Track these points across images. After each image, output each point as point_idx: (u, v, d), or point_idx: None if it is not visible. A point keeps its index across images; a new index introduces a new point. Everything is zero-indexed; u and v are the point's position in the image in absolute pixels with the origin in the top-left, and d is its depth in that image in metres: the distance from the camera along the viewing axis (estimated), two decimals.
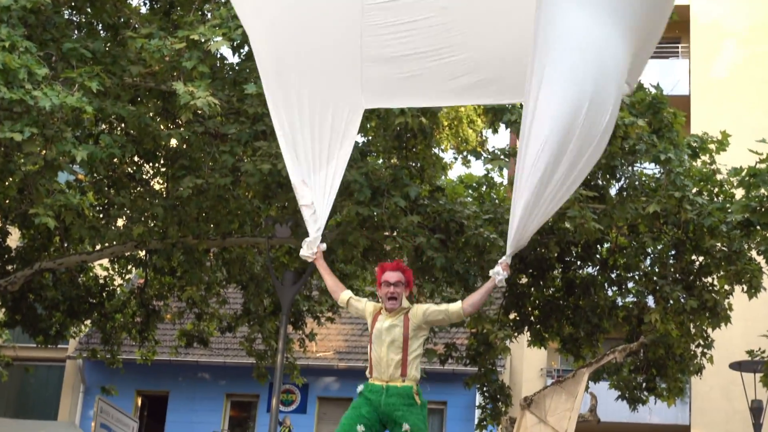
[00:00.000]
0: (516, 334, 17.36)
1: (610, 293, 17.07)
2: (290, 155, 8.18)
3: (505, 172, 17.33)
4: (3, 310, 18.45)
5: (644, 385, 17.27)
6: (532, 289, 17.03)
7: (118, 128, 15.32)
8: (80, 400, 26.25)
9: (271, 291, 17.90)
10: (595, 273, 16.90)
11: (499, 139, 55.54)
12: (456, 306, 7.56)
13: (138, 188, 16.12)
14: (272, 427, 15.62)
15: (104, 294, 19.04)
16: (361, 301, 8.11)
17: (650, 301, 16.82)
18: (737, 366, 20.21)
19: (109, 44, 13.98)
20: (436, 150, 16.31)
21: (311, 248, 8.19)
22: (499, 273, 7.45)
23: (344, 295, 8.19)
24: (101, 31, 14.62)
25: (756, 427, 21.71)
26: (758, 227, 15.18)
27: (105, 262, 18.97)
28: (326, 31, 7.65)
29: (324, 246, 8.23)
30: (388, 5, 7.45)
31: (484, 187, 17.16)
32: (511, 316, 17.45)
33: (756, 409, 21.43)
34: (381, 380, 7.74)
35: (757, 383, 18.66)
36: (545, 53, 6.74)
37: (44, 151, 12.37)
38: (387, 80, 7.86)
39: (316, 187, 8.12)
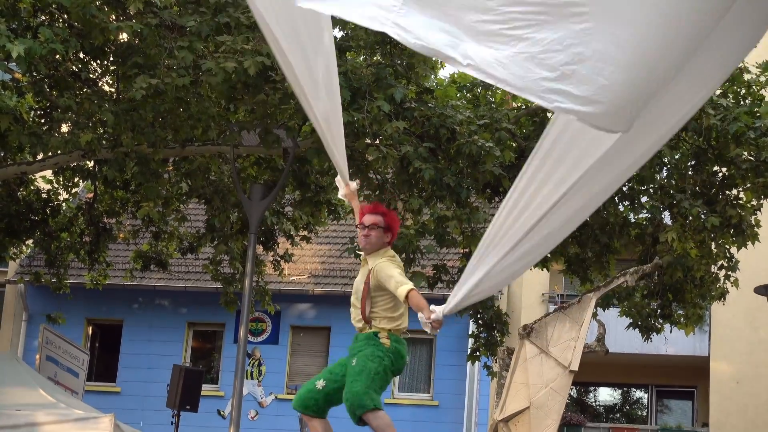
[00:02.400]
0: None
1: (621, 209, 17.09)
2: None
3: None
4: None
5: (659, 311, 17.38)
6: None
7: (60, 20, 15.14)
8: (23, 330, 26.34)
9: (239, 205, 17.88)
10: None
11: None
12: (402, 291, 7.55)
13: (84, 89, 15.97)
14: (240, 360, 15.70)
15: (48, 210, 18.96)
16: None
17: (666, 217, 16.86)
18: (763, 290, 20.32)
19: None
20: None
21: (340, 186, 8.20)
22: (425, 324, 7.31)
23: None
24: None
25: None
26: None
27: (48, 173, 18.87)
28: None
29: (354, 185, 8.18)
30: None
31: (479, 88, 17.07)
32: None
33: None
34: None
35: None
36: None
37: None
38: None
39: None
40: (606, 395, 30.99)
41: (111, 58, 15.93)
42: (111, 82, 16.63)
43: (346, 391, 7.65)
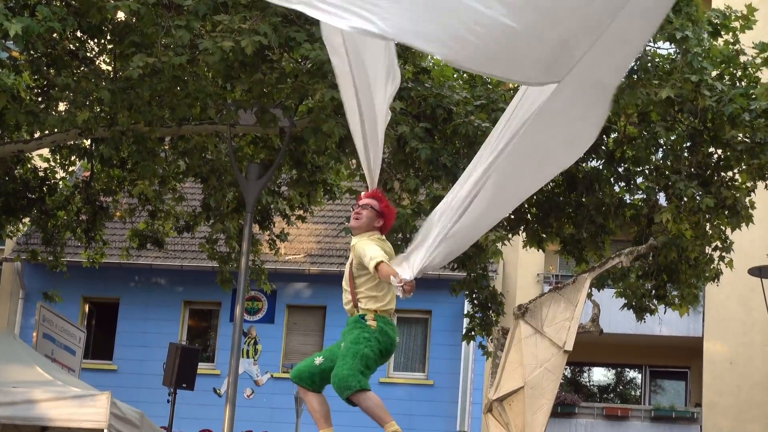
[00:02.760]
0: (510, 235, 17.42)
1: (616, 189, 17.11)
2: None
3: None
4: None
5: (654, 292, 17.41)
6: None
7: None
8: (19, 308, 26.34)
9: (236, 184, 17.88)
10: (600, 166, 16.91)
11: None
12: (372, 263, 7.58)
13: (82, 68, 15.95)
14: (236, 338, 15.73)
15: (45, 188, 18.97)
16: None
17: (662, 198, 16.88)
18: (757, 271, 20.35)
19: None
20: None
21: None
22: (396, 288, 7.37)
23: None
24: None
25: None
26: None
27: (45, 151, 18.86)
28: None
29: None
30: None
31: None
32: None
33: None
34: None
35: None
36: None
37: None
38: None
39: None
40: (600, 375, 31.06)
41: (108, 37, 15.90)
42: (108, 60, 16.60)
43: (333, 374, 7.70)
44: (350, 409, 7.97)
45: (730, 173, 16.37)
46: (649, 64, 15.40)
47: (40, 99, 16.34)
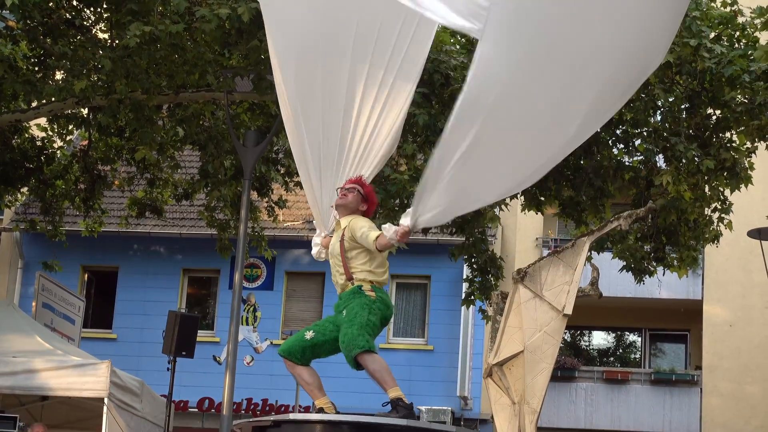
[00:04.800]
0: (508, 199, 17.46)
1: (615, 152, 17.12)
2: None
3: None
4: None
5: (653, 254, 17.47)
6: None
7: None
8: (18, 277, 26.43)
9: (233, 151, 17.91)
10: (599, 129, 16.93)
11: None
12: (372, 236, 7.88)
13: (78, 36, 15.96)
14: (235, 305, 15.79)
15: (42, 158, 19.00)
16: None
17: (661, 160, 16.91)
18: (756, 233, 20.38)
19: None
20: None
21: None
22: (390, 236, 7.63)
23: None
24: None
25: None
26: None
27: (42, 121, 18.88)
28: None
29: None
30: None
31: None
32: None
33: None
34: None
35: None
36: None
37: None
38: None
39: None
40: (600, 339, 31.18)
41: (105, 6, 15.91)
42: (105, 29, 16.60)
43: (341, 336, 7.87)
44: (343, 376, 8.08)
45: (728, 134, 16.39)
46: None
47: (37, 68, 16.36)
